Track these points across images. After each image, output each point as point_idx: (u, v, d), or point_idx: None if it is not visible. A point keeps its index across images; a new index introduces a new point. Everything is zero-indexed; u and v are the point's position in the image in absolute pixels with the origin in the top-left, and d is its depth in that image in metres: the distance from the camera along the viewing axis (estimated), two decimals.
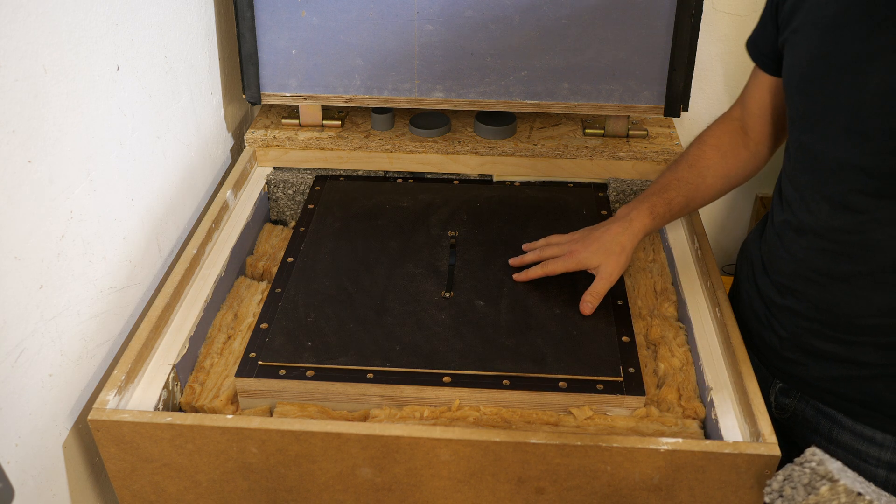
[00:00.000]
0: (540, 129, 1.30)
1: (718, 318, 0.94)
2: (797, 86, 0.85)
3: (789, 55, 0.87)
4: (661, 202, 0.99)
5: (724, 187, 1.02)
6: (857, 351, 0.85)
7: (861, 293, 0.83)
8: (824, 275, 0.85)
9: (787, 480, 0.70)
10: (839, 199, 0.82)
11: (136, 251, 0.99)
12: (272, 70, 1.22)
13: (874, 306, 0.83)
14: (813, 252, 0.86)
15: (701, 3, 1.14)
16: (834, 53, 0.80)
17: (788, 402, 0.95)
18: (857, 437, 0.89)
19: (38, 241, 0.78)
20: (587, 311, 0.94)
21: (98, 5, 0.87)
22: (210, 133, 1.23)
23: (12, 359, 0.75)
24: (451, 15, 1.17)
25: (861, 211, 0.80)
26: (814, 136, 0.84)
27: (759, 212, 1.70)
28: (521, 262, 1.02)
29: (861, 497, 0.68)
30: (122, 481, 0.83)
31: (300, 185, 1.24)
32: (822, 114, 0.82)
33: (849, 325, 0.85)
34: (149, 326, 0.90)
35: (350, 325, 0.93)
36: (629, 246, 0.97)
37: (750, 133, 1.01)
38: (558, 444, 0.76)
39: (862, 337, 0.85)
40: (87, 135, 0.86)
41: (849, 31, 0.79)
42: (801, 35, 0.85)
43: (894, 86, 0.75)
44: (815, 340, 0.89)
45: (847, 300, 0.84)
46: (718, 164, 1.00)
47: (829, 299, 0.86)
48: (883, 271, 0.81)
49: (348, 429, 0.78)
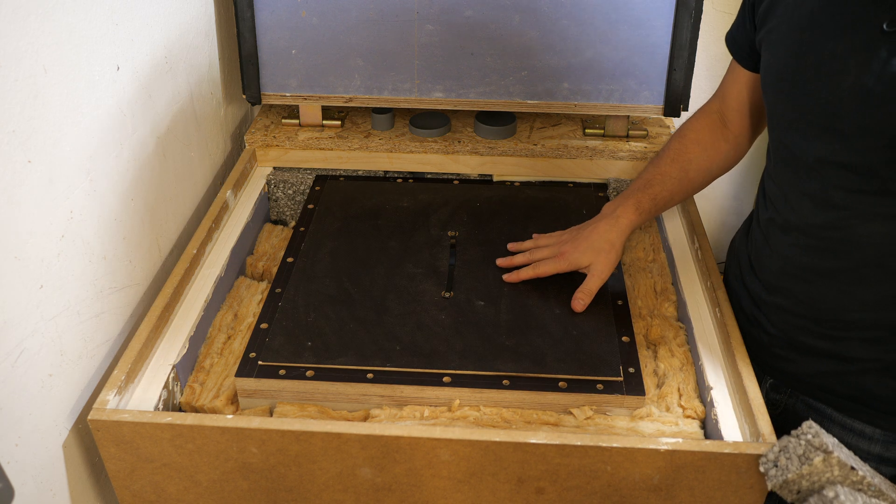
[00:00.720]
0: (540, 129, 1.30)
1: (718, 318, 0.94)
2: (774, 85, 0.86)
3: (766, 54, 0.87)
4: (647, 198, 1.00)
5: (706, 180, 1.03)
6: (844, 346, 0.86)
7: (846, 288, 0.84)
8: (810, 271, 0.86)
9: (782, 451, 0.72)
10: (820, 196, 0.82)
11: (136, 251, 0.99)
12: (272, 70, 1.22)
13: (858, 301, 0.84)
14: (798, 249, 0.87)
15: (701, 3, 1.14)
16: (809, 53, 0.80)
17: (779, 398, 0.96)
18: (847, 431, 0.90)
19: (38, 241, 0.78)
20: (579, 308, 0.95)
21: (98, 5, 0.87)
22: (210, 133, 1.23)
23: (12, 359, 0.75)
24: (451, 15, 1.17)
25: (842, 207, 0.81)
26: (792, 134, 0.84)
27: None
28: (510, 263, 1.02)
29: (854, 471, 0.69)
30: (122, 481, 0.83)
31: (300, 185, 1.24)
32: (799, 113, 0.82)
33: (835, 320, 0.86)
34: (149, 326, 0.90)
35: (350, 325, 0.93)
36: (618, 243, 0.98)
37: (729, 126, 1.02)
38: (558, 444, 0.76)
39: (848, 332, 0.85)
40: (87, 135, 0.86)
41: (823, 30, 0.79)
42: (777, 34, 0.85)
43: (869, 84, 0.75)
44: (804, 336, 0.89)
45: (832, 296, 0.85)
46: (700, 157, 1.01)
47: (815, 295, 0.87)
48: (866, 266, 0.82)
49: (348, 429, 0.78)
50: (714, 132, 1.02)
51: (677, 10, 1.15)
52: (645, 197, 1.00)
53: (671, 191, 1.01)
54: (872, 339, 0.84)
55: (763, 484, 0.77)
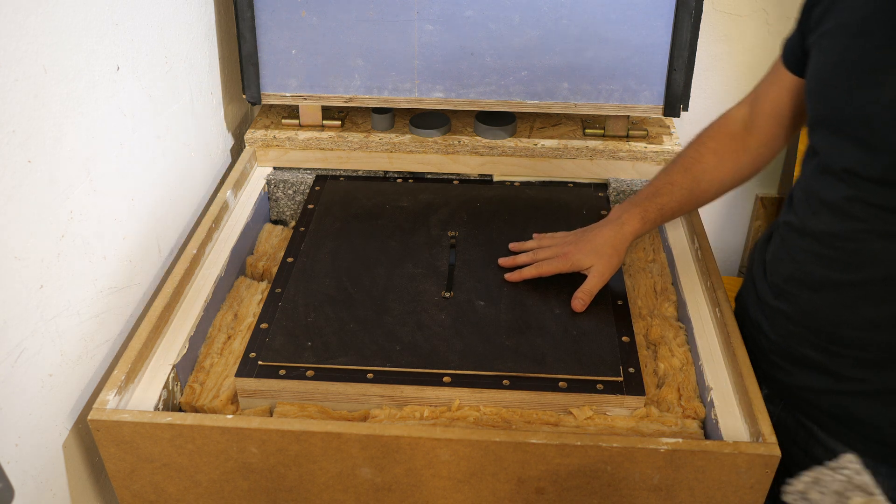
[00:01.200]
0: (540, 129, 1.30)
1: (718, 318, 0.94)
2: (817, 90, 0.83)
3: (815, 58, 0.84)
4: (654, 207, 0.99)
5: (719, 191, 1.01)
6: (838, 363, 0.85)
7: (850, 303, 0.83)
8: (817, 280, 0.85)
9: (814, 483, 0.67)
10: (841, 206, 0.81)
11: (136, 251, 0.99)
12: (272, 70, 1.22)
13: (859, 318, 0.82)
14: (810, 256, 0.86)
15: (701, 3, 1.14)
16: (854, 61, 0.78)
17: (772, 410, 0.95)
18: (829, 453, 0.88)
19: (38, 241, 0.78)
20: (579, 308, 0.95)
21: (98, 5, 0.87)
22: (210, 133, 1.23)
23: (12, 359, 0.75)
24: (451, 15, 1.17)
25: (861, 220, 0.79)
26: (827, 143, 0.82)
27: (759, 212, 1.70)
28: (513, 262, 1.02)
29: None
30: (122, 481, 0.83)
31: (300, 185, 1.24)
32: (836, 122, 0.80)
33: (832, 334, 0.85)
34: (149, 326, 0.90)
35: (350, 325, 0.93)
36: (621, 248, 0.98)
37: (755, 134, 0.98)
38: (558, 444, 0.76)
39: (844, 349, 0.84)
40: (87, 135, 0.86)
41: (871, 38, 0.77)
42: (830, 38, 0.82)
43: None
44: (800, 346, 0.88)
45: (835, 309, 0.84)
46: (715, 168, 0.99)
47: (817, 306, 0.85)
48: (874, 283, 0.80)
49: (348, 429, 0.78)
50: (734, 141, 0.99)
51: (677, 10, 1.15)
52: (652, 206, 0.99)
53: (680, 201, 1.00)
54: (868, 360, 0.83)
55: (763, 484, 0.77)
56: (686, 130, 1.51)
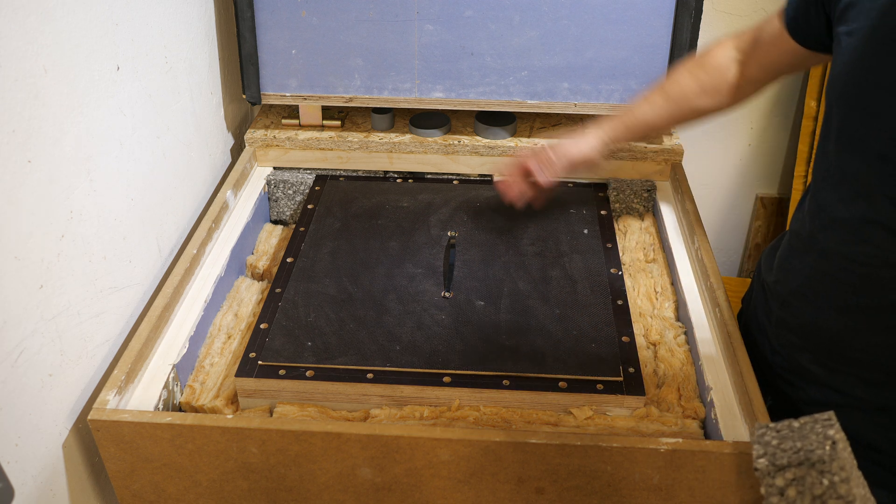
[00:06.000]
0: (540, 129, 1.30)
1: (718, 318, 0.94)
2: (839, 96, 0.77)
3: (837, 59, 0.78)
4: (628, 115, 1.02)
5: (698, 118, 1.00)
6: (839, 380, 0.84)
7: (854, 325, 0.81)
8: (821, 297, 0.83)
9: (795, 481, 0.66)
10: (856, 227, 0.77)
11: (136, 251, 0.99)
12: (272, 70, 1.22)
13: (863, 340, 0.81)
14: (817, 274, 0.83)
15: (701, 3, 1.14)
16: (880, 68, 0.71)
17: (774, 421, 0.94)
18: None
19: (38, 241, 0.78)
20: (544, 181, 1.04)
21: (98, 5, 0.87)
22: (210, 133, 1.23)
23: (12, 359, 0.75)
24: (451, 15, 1.17)
25: (875, 245, 0.76)
26: (848, 154, 0.77)
27: (759, 212, 1.70)
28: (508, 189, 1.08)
29: None
30: (122, 481, 0.83)
31: (300, 185, 1.24)
32: (859, 133, 0.75)
33: (834, 352, 0.84)
34: (149, 326, 0.90)
35: (350, 325, 0.93)
36: (594, 144, 1.03)
37: (745, 74, 0.95)
38: (558, 444, 0.76)
39: (847, 367, 0.83)
40: (87, 135, 0.86)
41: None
42: (856, 38, 0.75)
43: None
44: (803, 359, 0.87)
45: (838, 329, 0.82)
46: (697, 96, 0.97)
47: (820, 324, 0.84)
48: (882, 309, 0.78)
49: (348, 429, 0.78)
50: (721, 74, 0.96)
51: (677, 10, 1.15)
52: (626, 115, 1.02)
53: (656, 115, 1.00)
54: (870, 380, 0.82)
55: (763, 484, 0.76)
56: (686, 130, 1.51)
